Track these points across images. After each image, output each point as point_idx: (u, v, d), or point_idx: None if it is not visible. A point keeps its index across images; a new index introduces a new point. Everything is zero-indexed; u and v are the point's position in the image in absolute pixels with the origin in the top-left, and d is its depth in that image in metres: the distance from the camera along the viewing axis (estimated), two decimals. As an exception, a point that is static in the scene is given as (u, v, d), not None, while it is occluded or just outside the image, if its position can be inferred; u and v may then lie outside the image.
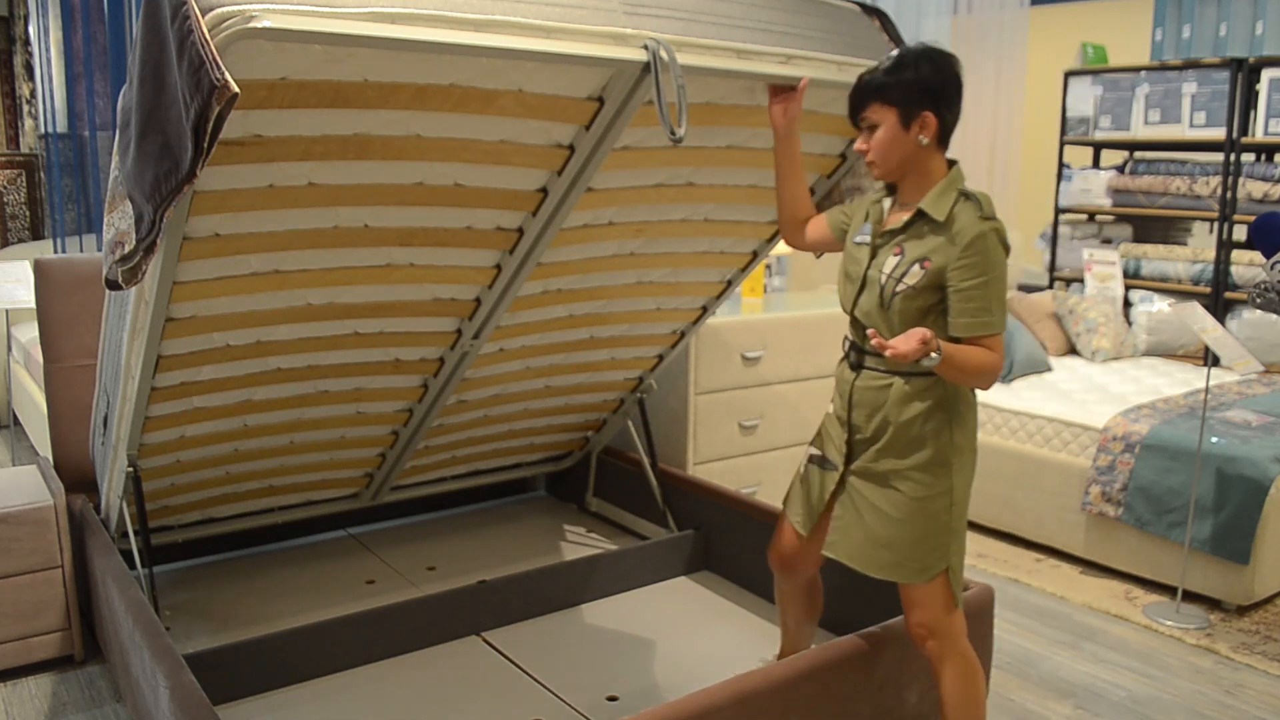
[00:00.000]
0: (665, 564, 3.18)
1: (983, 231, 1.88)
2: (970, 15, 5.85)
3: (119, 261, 1.64)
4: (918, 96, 1.91)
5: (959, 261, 1.89)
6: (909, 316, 1.96)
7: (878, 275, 2.00)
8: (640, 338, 3.06)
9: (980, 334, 1.90)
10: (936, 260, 1.91)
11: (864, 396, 2.06)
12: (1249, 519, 3.23)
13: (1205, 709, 2.72)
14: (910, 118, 1.92)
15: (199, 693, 1.87)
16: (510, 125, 2.01)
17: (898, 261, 1.96)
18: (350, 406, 2.76)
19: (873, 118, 1.95)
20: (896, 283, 1.95)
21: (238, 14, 1.45)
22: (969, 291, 1.89)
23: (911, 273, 1.94)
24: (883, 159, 1.97)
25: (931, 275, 1.92)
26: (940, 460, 1.99)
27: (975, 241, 1.88)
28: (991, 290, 1.89)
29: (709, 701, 1.85)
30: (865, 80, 1.96)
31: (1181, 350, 4.96)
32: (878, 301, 1.99)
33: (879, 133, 1.95)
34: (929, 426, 1.99)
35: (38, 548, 2.76)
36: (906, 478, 2.00)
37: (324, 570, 3.20)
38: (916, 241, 1.95)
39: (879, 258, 2.01)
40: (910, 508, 2.00)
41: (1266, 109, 4.77)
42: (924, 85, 1.91)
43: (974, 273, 1.88)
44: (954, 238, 1.89)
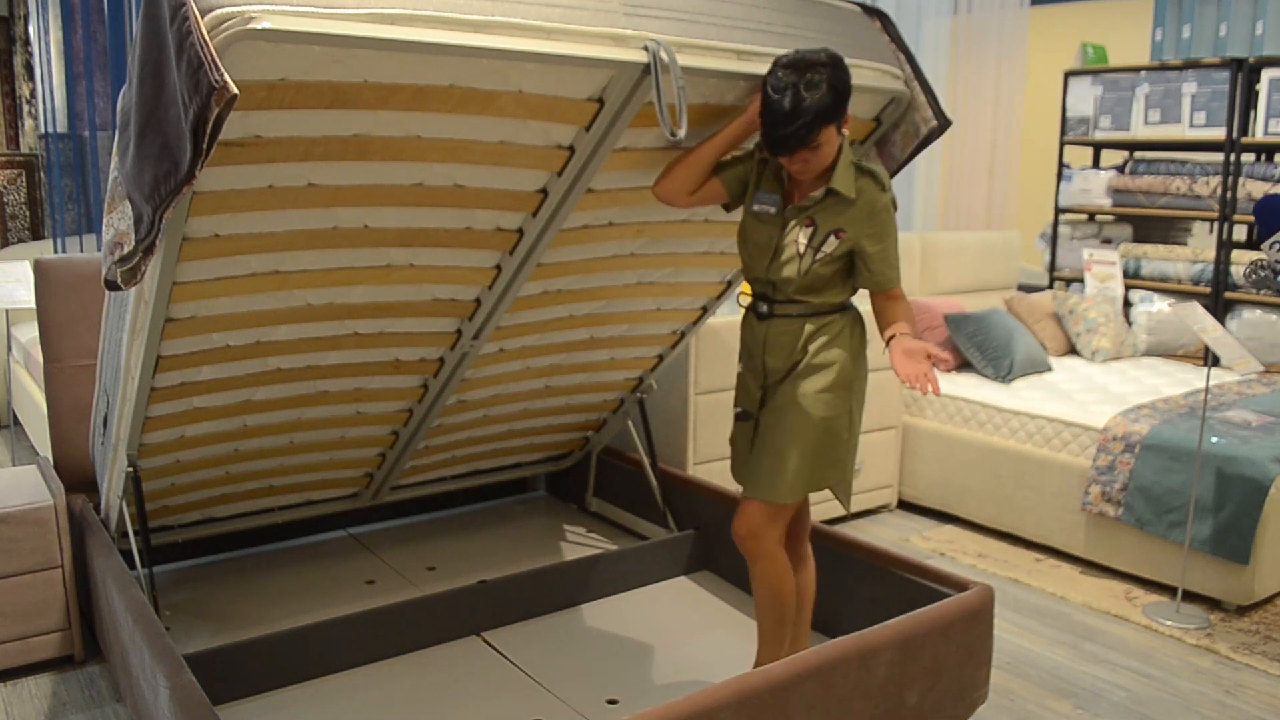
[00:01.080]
0: (665, 564, 3.18)
1: (885, 204, 2.16)
2: (970, 15, 5.85)
3: (118, 262, 1.64)
4: (844, 103, 2.09)
5: (869, 230, 2.16)
6: (825, 278, 2.21)
7: (793, 244, 2.19)
8: (640, 338, 3.06)
9: (889, 286, 2.22)
10: (851, 231, 2.16)
11: (777, 339, 2.26)
12: (1249, 519, 3.23)
13: (1205, 709, 2.72)
14: (841, 122, 2.11)
15: (199, 693, 1.87)
16: (510, 126, 2.01)
17: (811, 232, 2.18)
18: (350, 407, 2.76)
19: (821, 139, 2.08)
20: (815, 252, 2.18)
21: (237, 15, 1.45)
22: (878, 254, 2.18)
23: (829, 243, 2.17)
24: (823, 164, 2.13)
25: (846, 244, 2.17)
26: (843, 383, 2.24)
27: (879, 213, 2.16)
28: (893, 249, 2.20)
29: (709, 701, 1.85)
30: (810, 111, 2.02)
31: (1181, 350, 4.96)
32: (795, 267, 2.20)
33: (824, 148, 2.09)
34: (832, 353, 2.24)
35: (38, 548, 2.76)
36: (815, 399, 2.22)
37: (324, 570, 3.20)
38: (826, 214, 2.16)
39: (791, 231, 2.20)
40: (815, 427, 2.22)
41: (1266, 109, 4.77)
42: (845, 92, 2.08)
43: (880, 239, 2.17)
44: (862, 210, 2.15)
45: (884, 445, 4.18)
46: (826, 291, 2.22)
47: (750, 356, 2.33)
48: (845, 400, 2.25)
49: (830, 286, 2.22)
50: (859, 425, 2.31)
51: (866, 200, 2.14)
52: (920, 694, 2.25)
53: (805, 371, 2.23)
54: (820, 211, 2.16)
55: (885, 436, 4.17)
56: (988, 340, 4.33)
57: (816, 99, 2.01)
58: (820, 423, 2.22)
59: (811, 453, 2.24)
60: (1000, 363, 4.27)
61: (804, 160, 2.10)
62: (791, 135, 2.04)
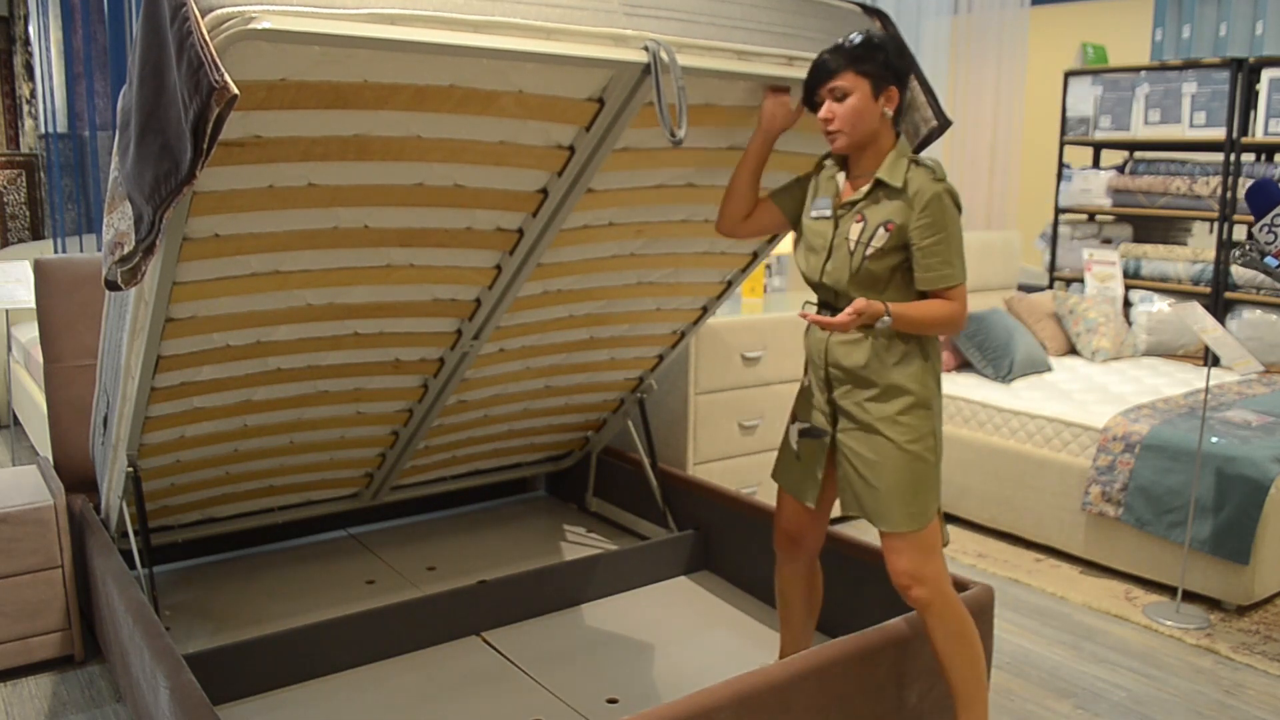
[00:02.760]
0: (665, 564, 3.18)
1: (937, 192, 2.02)
2: (970, 15, 5.85)
3: (119, 262, 1.64)
4: (889, 71, 2.05)
5: (918, 221, 2.02)
6: (878, 276, 2.08)
7: (844, 243, 2.10)
8: (640, 338, 3.06)
9: (942, 285, 2.05)
10: (898, 221, 2.04)
11: (840, 353, 2.14)
12: (1249, 519, 3.23)
13: (1205, 709, 2.72)
14: (880, 90, 2.05)
15: (199, 693, 1.87)
16: (510, 126, 2.01)
17: (862, 227, 2.08)
18: (350, 406, 2.76)
19: (845, 85, 2.03)
20: (865, 247, 2.07)
21: (237, 15, 1.45)
22: (930, 248, 2.03)
23: (877, 236, 2.06)
24: (852, 128, 2.06)
25: (895, 236, 2.05)
26: (923, 403, 2.11)
27: (931, 202, 2.01)
28: (950, 245, 2.04)
29: (709, 701, 1.85)
30: (841, 50, 2.04)
31: (1181, 350, 4.96)
32: (847, 266, 2.10)
33: (850, 100, 2.04)
34: (908, 371, 2.10)
35: (38, 548, 2.76)
36: (895, 423, 2.09)
37: (324, 570, 3.20)
38: (876, 207, 2.07)
39: (842, 227, 2.12)
40: (901, 454, 2.09)
41: (1266, 109, 4.76)
42: (892, 64, 2.05)
43: (932, 230, 2.02)
44: (911, 200, 2.03)
45: (884, 445, 4.17)
46: (886, 294, 2.08)
47: (815, 367, 2.20)
48: (927, 420, 2.11)
49: (888, 288, 2.08)
50: (941, 450, 2.17)
51: (915, 189, 2.03)
52: (920, 694, 2.25)
53: (882, 394, 2.09)
54: (870, 205, 2.08)
55: (885, 436, 4.17)
56: (988, 340, 4.33)
57: (854, 44, 2.03)
58: (906, 447, 2.08)
59: (905, 480, 2.08)
60: (1000, 363, 4.27)
61: (830, 111, 2.05)
62: (816, 67, 2.06)
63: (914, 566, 2.11)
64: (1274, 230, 2.29)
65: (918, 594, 2.11)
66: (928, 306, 2.06)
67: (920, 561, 2.11)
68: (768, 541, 2.99)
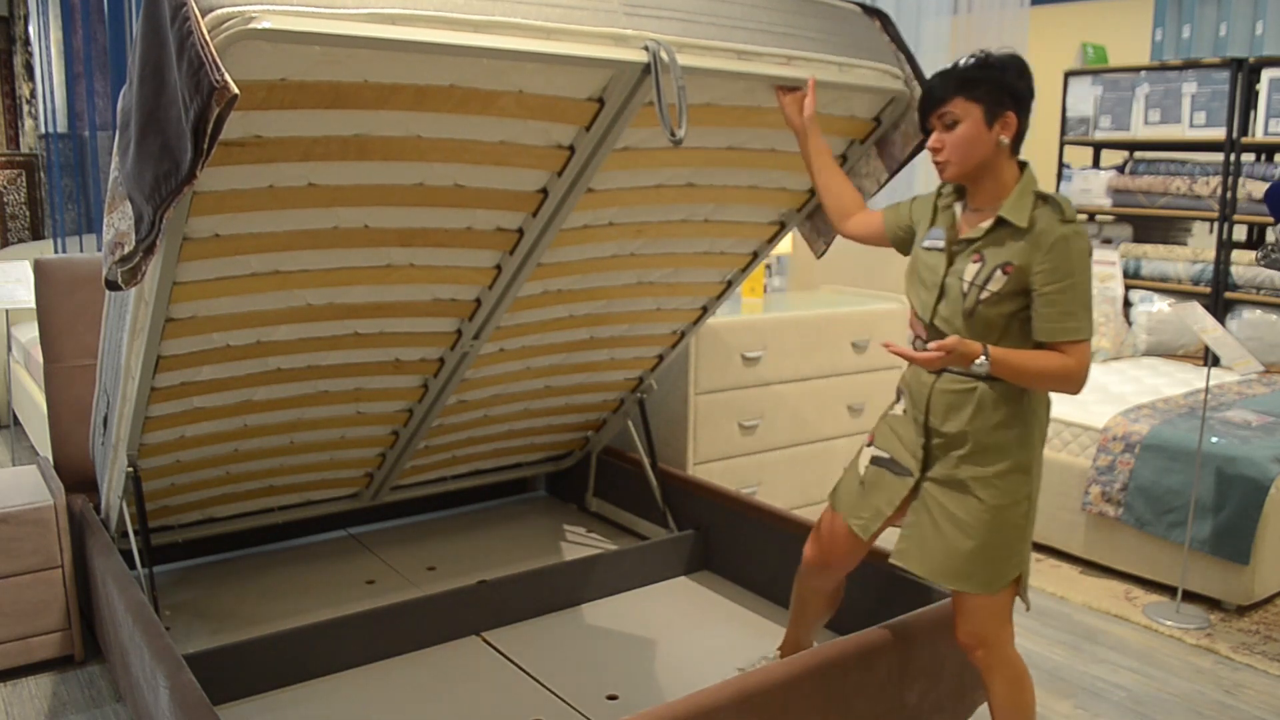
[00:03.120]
0: (665, 564, 3.18)
1: (1064, 235, 1.85)
2: (970, 15, 5.85)
3: (119, 262, 1.64)
4: (1004, 95, 1.89)
5: (1041, 265, 1.86)
6: (993, 323, 1.92)
7: (958, 283, 1.95)
8: (640, 338, 3.06)
9: (1064, 339, 1.87)
10: (1019, 263, 1.88)
11: (944, 400, 2.00)
12: (1249, 519, 3.23)
13: (1205, 709, 2.72)
14: (994, 116, 1.90)
15: (199, 693, 1.87)
16: (510, 126, 2.01)
17: (979, 268, 1.92)
18: (350, 406, 2.76)
19: (955, 112, 1.90)
20: (980, 290, 1.91)
21: (237, 15, 1.45)
22: (1052, 296, 1.86)
23: (994, 279, 1.90)
24: (961, 158, 1.92)
25: (1014, 280, 1.89)
26: (1021, 467, 1.97)
27: (1057, 245, 1.85)
28: (1074, 294, 1.86)
29: (709, 701, 1.85)
30: (951, 73, 1.91)
31: (1181, 350, 4.96)
32: (960, 309, 1.95)
33: (960, 129, 1.90)
34: (1012, 433, 1.96)
35: (38, 548, 2.76)
36: (989, 485, 1.96)
37: (324, 570, 3.20)
38: (996, 248, 1.91)
39: (957, 264, 1.97)
40: (991, 516, 1.96)
41: (1266, 109, 4.76)
42: (1011, 87, 1.90)
43: (1057, 277, 1.85)
44: (1036, 241, 1.87)
45: (884, 445, 4.17)
46: (1001, 341, 1.92)
47: (914, 406, 2.07)
48: (1024, 485, 1.99)
49: (1005, 336, 1.93)
50: (1035, 512, 2.04)
51: (1040, 229, 1.86)
52: (920, 694, 2.25)
53: (980, 454, 1.97)
54: (989, 244, 1.92)
55: (885, 436, 4.17)
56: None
57: (965, 66, 1.90)
58: (999, 511, 1.96)
59: (990, 544, 1.97)
60: (1000, 363, 4.27)
61: (939, 140, 1.93)
62: (926, 92, 1.93)
63: (982, 630, 2.03)
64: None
65: (981, 657, 2.05)
66: (1038, 358, 1.87)
67: (990, 627, 2.02)
68: (768, 541, 2.99)
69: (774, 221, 2.74)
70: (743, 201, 2.59)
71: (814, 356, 3.85)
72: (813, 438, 3.92)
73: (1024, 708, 2.06)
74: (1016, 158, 1.97)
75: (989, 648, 2.03)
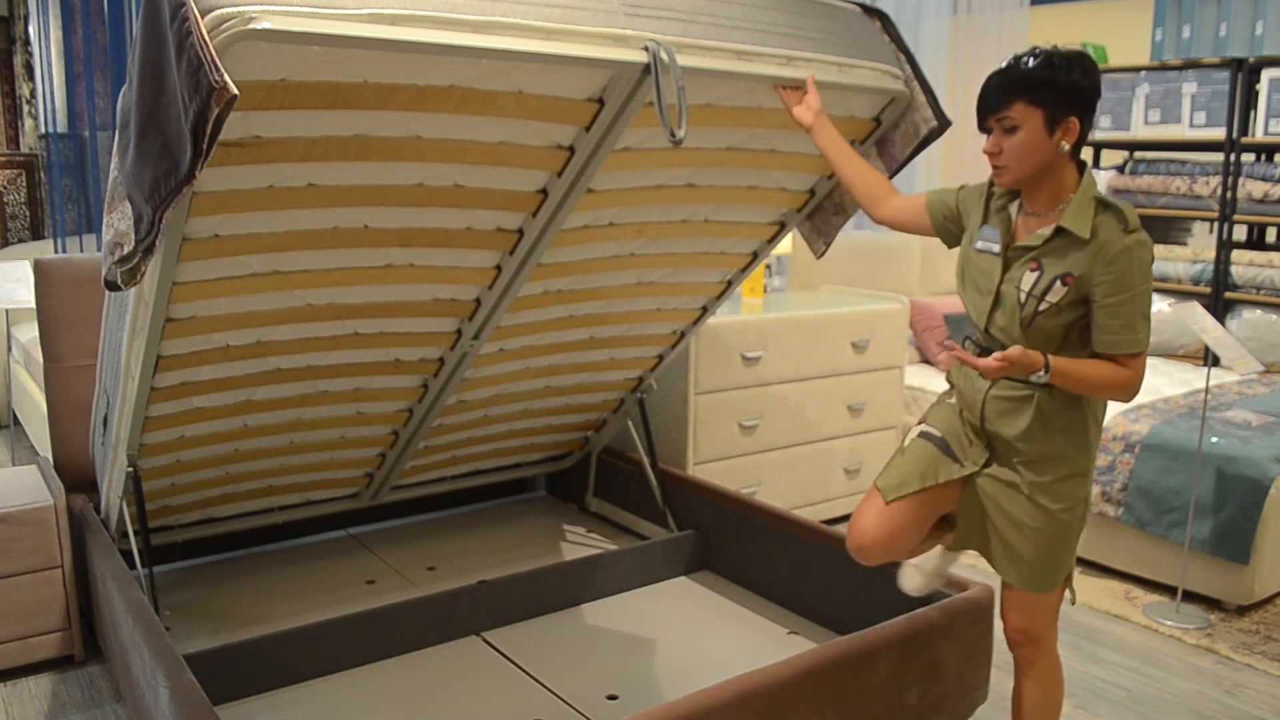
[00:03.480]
0: (665, 564, 3.18)
1: (1127, 246, 1.79)
2: (970, 15, 5.85)
3: (118, 262, 1.64)
4: (1068, 100, 1.81)
5: (1103, 277, 1.81)
6: (1052, 333, 1.88)
7: (1014, 291, 1.90)
8: (640, 338, 3.06)
9: (1122, 351, 1.84)
10: (1079, 274, 1.83)
11: (998, 406, 1.97)
12: (1249, 519, 3.23)
13: (1205, 709, 2.72)
14: (1056, 121, 1.82)
15: (199, 693, 1.87)
16: (510, 126, 2.01)
17: (1037, 278, 1.87)
18: (350, 406, 2.77)
19: (1015, 118, 1.82)
20: (1039, 301, 1.86)
21: (237, 15, 1.45)
22: (1114, 308, 1.81)
23: (1054, 290, 1.85)
24: (1019, 164, 1.85)
25: (1074, 290, 1.84)
26: (1080, 471, 1.96)
27: (1119, 256, 1.79)
28: (1135, 306, 1.81)
29: (709, 701, 1.85)
30: (1012, 75, 1.82)
31: (1181, 350, 4.96)
32: (1016, 318, 1.90)
33: (1020, 134, 1.83)
34: (1071, 438, 1.93)
35: (38, 548, 2.76)
36: (1048, 490, 1.95)
37: (324, 570, 3.20)
38: (1056, 258, 1.86)
39: (1013, 272, 1.91)
40: (1048, 521, 1.96)
41: (1266, 109, 4.76)
42: (1076, 89, 1.80)
43: (1119, 289, 1.80)
44: (1098, 252, 1.81)
45: (884, 445, 4.18)
46: (1060, 352, 1.89)
47: (968, 409, 2.04)
48: (1081, 488, 1.97)
49: (1064, 346, 1.89)
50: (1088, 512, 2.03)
51: (1102, 239, 1.80)
52: (920, 694, 2.25)
53: (1038, 461, 1.95)
54: (1049, 253, 1.86)
55: (885, 436, 4.17)
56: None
57: (1028, 67, 1.80)
58: (1057, 515, 1.96)
59: (1047, 546, 1.97)
60: (1000, 363, 4.27)
61: (995, 144, 1.85)
62: (984, 93, 1.85)
63: (1030, 626, 2.05)
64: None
65: (1027, 653, 2.07)
66: (1098, 369, 1.84)
67: (1039, 623, 2.04)
68: (768, 541, 2.99)
69: (774, 221, 2.75)
70: (743, 202, 2.59)
71: (814, 356, 3.85)
72: (813, 438, 3.92)
73: (1053, 708, 2.08)
74: (1077, 159, 1.90)
75: (1036, 644, 2.05)
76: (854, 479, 4.10)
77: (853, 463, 4.07)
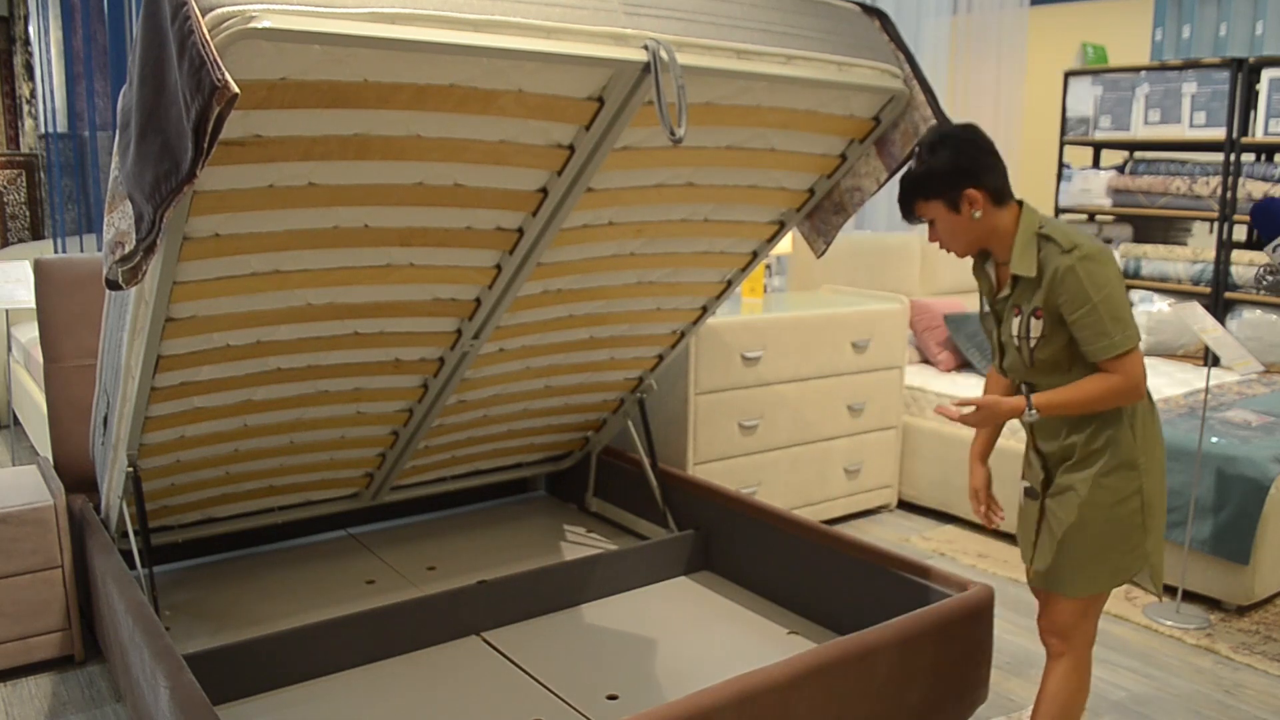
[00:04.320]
0: (665, 564, 3.18)
1: (1069, 265, 1.94)
2: (970, 15, 5.85)
3: (119, 262, 1.64)
4: (952, 180, 1.99)
5: (1060, 299, 1.96)
6: (1057, 362, 2.03)
7: (1010, 339, 2.08)
8: (640, 338, 3.06)
9: (1105, 356, 1.95)
10: (1043, 304, 2.00)
11: (1041, 427, 2.12)
12: (1249, 519, 3.23)
13: (1205, 709, 2.72)
14: (956, 201, 2.01)
15: (199, 693, 1.87)
16: (510, 125, 2.01)
17: (1019, 321, 2.05)
18: (350, 406, 2.76)
19: (925, 214, 2.05)
20: (1028, 340, 2.04)
21: (238, 14, 1.45)
22: (1080, 321, 1.95)
23: (1033, 326, 2.03)
24: (955, 243, 2.06)
25: (1048, 321, 2.00)
26: (1127, 463, 2.02)
27: (1065, 276, 1.94)
28: (1099, 313, 1.93)
29: (709, 701, 1.85)
30: (905, 183, 2.05)
31: (1181, 350, 4.96)
32: (1020, 360, 2.08)
33: (939, 225, 2.05)
34: (1106, 434, 2.02)
35: (38, 548, 2.76)
36: (1096, 486, 2.03)
37: (324, 570, 3.20)
38: (1025, 298, 2.03)
39: (1005, 322, 2.10)
40: (1099, 513, 2.03)
41: (1266, 109, 4.77)
42: (953, 169, 1.99)
43: (1077, 304, 1.94)
44: (1049, 281, 1.97)
45: (884, 445, 4.18)
46: (1072, 373, 2.03)
47: (1029, 436, 2.18)
48: (1132, 480, 2.03)
49: (1074, 367, 2.03)
50: (1159, 504, 2.08)
51: (1050, 269, 1.97)
52: (920, 694, 2.25)
53: (1081, 460, 2.05)
54: (1019, 296, 2.05)
55: (885, 436, 4.17)
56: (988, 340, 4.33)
57: (912, 173, 2.04)
58: (1104, 509, 2.03)
59: (1100, 543, 2.04)
60: (1000, 363, 4.27)
61: (932, 235, 2.09)
62: (899, 205, 2.09)
63: (1065, 625, 2.11)
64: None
65: (1055, 646, 2.14)
66: (1085, 385, 1.97)
67: (1074, 622, 2.11)
68: (768, 541, 2.99)
69: (774, 221, 2.75)
70: (742, 201, 2.59)
71: (814, 356, 3.85)
72: (813, 438, 3.92)
73: (1068, 710, 2.13)
74: (1008, 207, 2.04)
75: (1068, 641, 2.12)
76: (854, 479, 4.10)
77: (853, 463, 4.07)
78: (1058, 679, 2.13)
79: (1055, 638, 2.13)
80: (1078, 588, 2.07)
